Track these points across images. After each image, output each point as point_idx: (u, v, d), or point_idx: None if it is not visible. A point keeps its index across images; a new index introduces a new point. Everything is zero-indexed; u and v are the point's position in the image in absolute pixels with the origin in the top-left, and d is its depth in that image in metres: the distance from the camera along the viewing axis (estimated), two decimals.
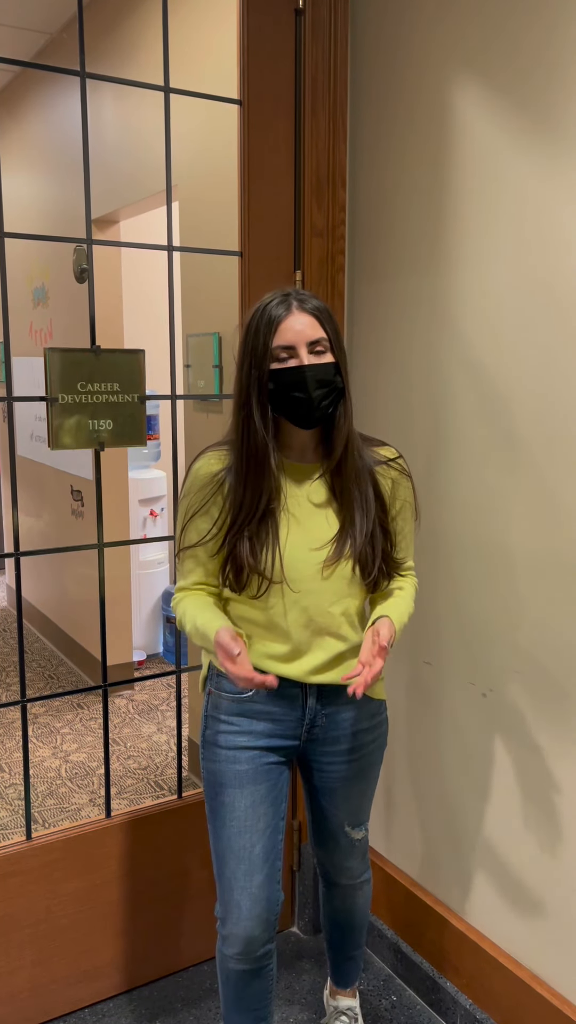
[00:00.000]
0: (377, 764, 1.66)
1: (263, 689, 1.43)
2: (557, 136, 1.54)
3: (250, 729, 1.54)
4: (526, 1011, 1.77)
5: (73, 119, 3.58)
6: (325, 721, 1.56)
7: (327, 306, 1.45)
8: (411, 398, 1.95)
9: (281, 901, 1.58)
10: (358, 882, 1.78)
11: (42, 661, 4.26)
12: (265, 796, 1.54)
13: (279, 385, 1.41)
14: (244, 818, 1.53)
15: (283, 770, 1.58)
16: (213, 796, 1.56)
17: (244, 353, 1.43)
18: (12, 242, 4.27)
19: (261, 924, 1.54)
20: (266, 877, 1.54)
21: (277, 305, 1.41)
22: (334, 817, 1.66)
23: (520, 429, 1.68)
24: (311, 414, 1.42)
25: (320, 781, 1.63)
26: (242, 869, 1.53)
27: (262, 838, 1.53)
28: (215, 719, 1.56)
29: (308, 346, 1.40)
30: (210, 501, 1.47)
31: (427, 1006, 2.01)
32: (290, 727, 1.55)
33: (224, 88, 1.98)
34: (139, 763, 3.19)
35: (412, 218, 1.89)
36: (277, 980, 2.03)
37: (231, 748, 1.54)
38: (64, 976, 1.97)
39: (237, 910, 1.53)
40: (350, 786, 1.63)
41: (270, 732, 1.54)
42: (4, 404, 4.72)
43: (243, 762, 1.53)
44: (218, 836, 1.55)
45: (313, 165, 1.97)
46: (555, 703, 1.67)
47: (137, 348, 1.88)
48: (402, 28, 1.86)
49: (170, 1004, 2.02)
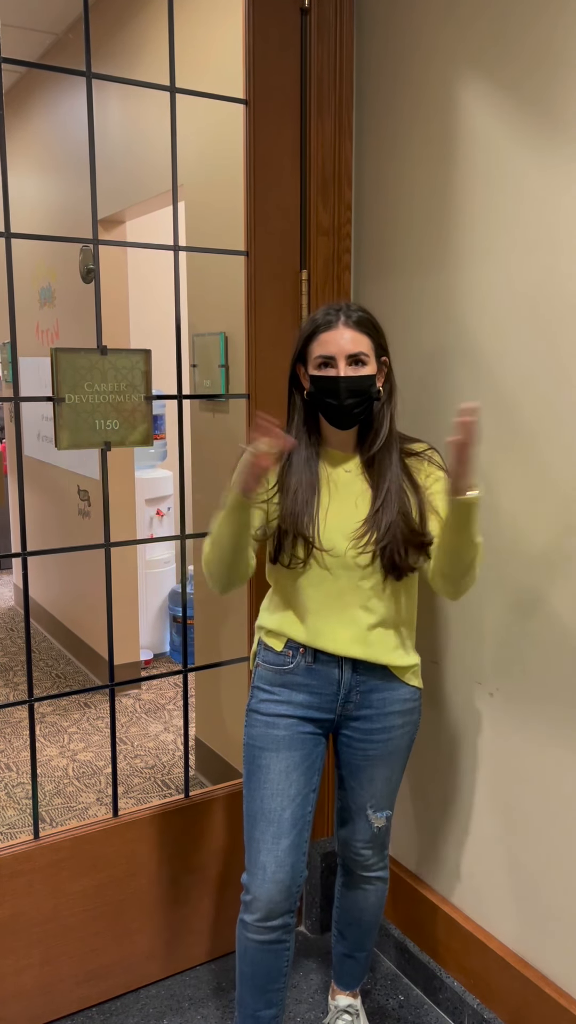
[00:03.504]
0: (405, 751, 1.71)
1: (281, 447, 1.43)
2: (565, 133, 1.53)
3: (289, 699, 1.64)
4: (533, 1010, 1.76)
5: (79, 119, 3.59)
6: (359, 698, 1.65)
7: (373, 318, 1.58)
8: (417, 396, 1.95)
9: (304, 876, 1.65)
10: (372, 875, 1.80)
11: (49, 660, 4.28)
12: (299, 763, 1.63)
13: (318, 390, 1.56)
14: (277, 781, 1.62)
15: (319, 741, 1.67)
16: (251, 760, 1.66)
17: (294, 350, 1.61)
18: (19, 242, 4.28)
19: (283, 890, 1.61)
20: (292, 844, 1.61)
21: (325, 315, 1.56)
22: (358, 796, 1.72)
23: (529, 427, 1.68)
24: (343, 420, 1.57)
25: (348, 756, 1.70)
26: (271, 831, 1.61)
27: (292, 804, 1.62)
28: (259, 689, 1.68)
29: (347, 358, 1.53)
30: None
31: (434, 1005, 2.01)
32: (327, 700, 1.64)
33: (230, 88, 1.98)
34: (146, 762, 3.20)
35: (418, 216, 1.89)
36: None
37: (271, 715, 1.65)
38: (71, 975, 1.97)
39: (262, 872, 1.61)
40: (376, 766, 1.69)
41: (308, 703, 1.64)
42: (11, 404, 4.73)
43: (281, 728, 1.64)
44: (252, 798, 1.64)
45: (319, 164, 1.97)
46: (561, 703, 1.67)
47: (143, 348, 1.88)
48: (407, 27, 1.86)
49: (178, 1003, 2.02)
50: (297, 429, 1.62)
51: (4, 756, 3.27)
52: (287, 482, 1.59)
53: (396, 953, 2.13)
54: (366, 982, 2.08)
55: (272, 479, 1.60)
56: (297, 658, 1.63)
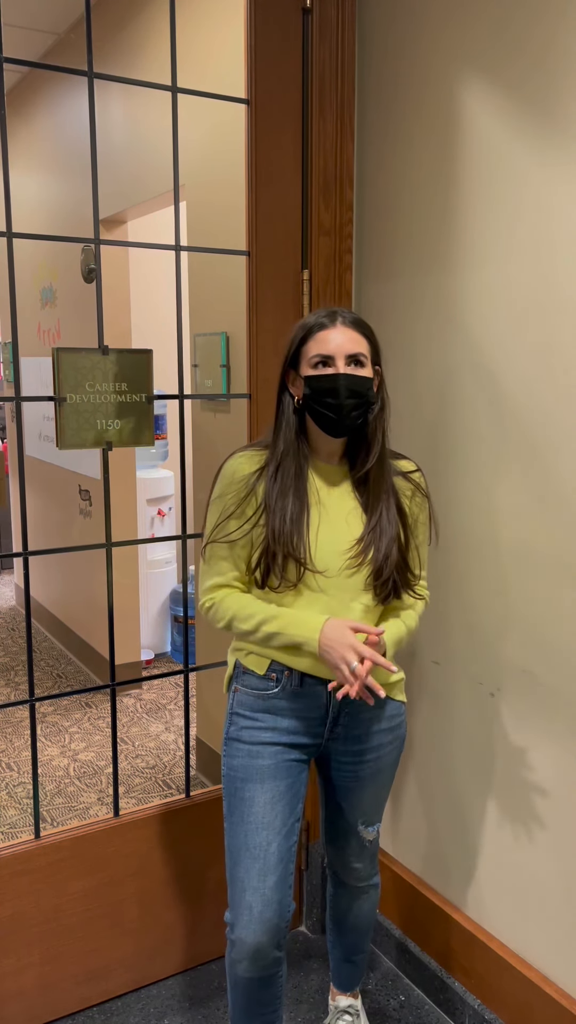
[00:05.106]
0: (394, 765, 1.67)
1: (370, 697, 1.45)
2: (567, 132, 1.53)
3: (274, 725, 1.56)
4: (534, 1011, 1.76)
5: (81, 119, 3.59)
6: (347, 719, 1.58)
7: (370, 327, 1.52)
8: (419, 398, 1.95)
9: (292, 910, 1.56)
10: (365, 885, 1.79)
11: (50, 660, 4.28)
12: (284, 793, 1.55)
13: (314, 391, 1.46)
14: (262, 814, 1.53)
15: (303, 769, 1.59)
16: (232, 792, 1.57)
17: (284, 356, 1.52)
18: (20, 242, 4.28)
19: (271, 930, 1.51)
20: (279, 879, 1.52)
21: (317, 318, 1.48)
22: (349, 815, 1.67)
23: (530, 429, 1.68)
24: (341, 422, 1.46)
25: (337, 779, 1.65)
26: (256, 868, 1.52)
27: (278, 837, 1.53)
28: (240, 716, 1.58)
29: (347, 357, 1.45)
30: (244, 502, 1.51)
31: (435, 1006, 2.01)
32: (314, 724, 1.57)
33: (231, 88, 1.98)
34: (147, 762, 3.20)
35: (419, 217, 1.89)
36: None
37: (254, 743, 1.56)
38: (72, 974, 1.97)
39: (248, 913, 1.51)
40: (365, 785, 1.64)
41: (294, 729, 1.56)
42: (12, 404, 4.73)
43: (265, 757, 1.55)
44: (234, 833, 1.55)
45: (320, 164, 1.97)
46: (563, 703, 1.67)
47: (145, 348, 1.88)
48: (409, 27, 1.86)
49: (179, 1003, 2.02)
50: (286, 439, 1.51)
51: (5, 756, 3.27)
52: (274, 501, 1.49)
53: (396, 953, 2.13)
54: (366, 982, 2.08)
55: (260, 497, 1.51)
56: (283, 681, 1.54)
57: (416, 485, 1.58)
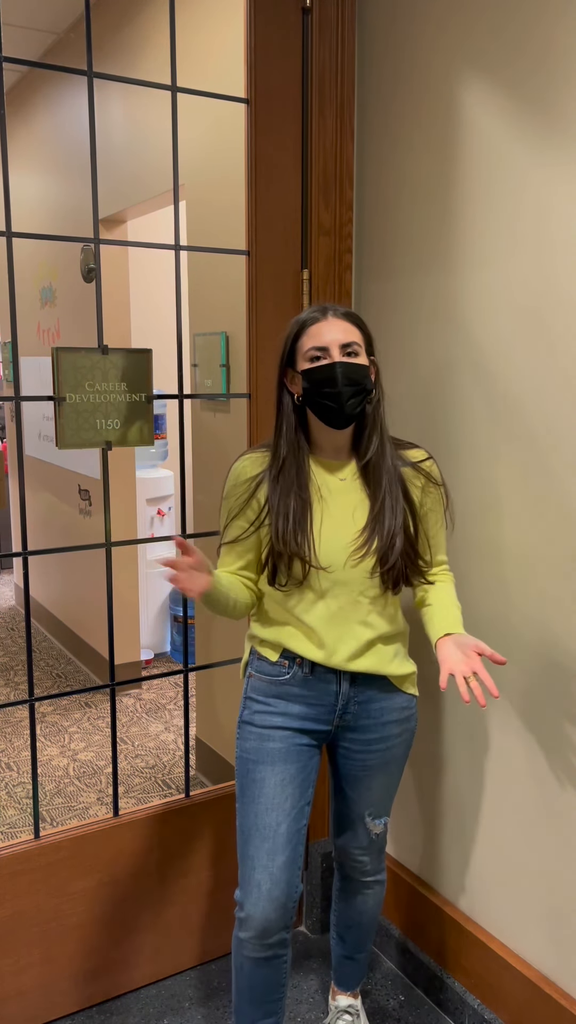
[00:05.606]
0: (402, 758, 1.69)
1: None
2: (567, 132, 1.53)
3: (285, 711, 1.60)
4: (534, 1011, 1.76)
5: (81, 119, 3.59)
6: (357, 708, 1.61)
7: (362, 318, 1.54)
8: (419, 397, 1.94)
9: (299, 892, 1.61)
10: (370, 880, 1.80)
11: (50, 660, 4.28)
12: (295, 776, 1.59)
13: (312, 383, 1.49)
14: (272, 795, 1.58)
15: (314, 754, 1.63)
16: (244, 774, 1.61)
17: (280, 356, 1.55)
18: (20, 242, 4.28)
19: (279, 908, 1.57)
20: (287, 860, 1.57)
21: (310, 313, 1.52)
22: (356, 806, 1.70)
23: (529, 429, 1.68)
24: (341, 411, 1.49)
25: (346, 768, 1.68)
26: (265, 848, 1.57)
27: (287, 818, 1.58)
28: (253, 700, 1.64)
29: (341, 347, 1.48)
30: (247, 504, 1.56)
31: (435, 1005, 2.01)
32: (323, 712, 1.61)
33: (231, 87, 1.98)
34: (147, 762, 3.20)
35: (419, 216, 1.89)
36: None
37: (266, 727, 1.60)
38: (72, 974, 1.97)
39: (257, 890, 1.56)
40: (374, 776, 1.67)
41: (304, 715, 1.60)
42: (12, 404, 4.73)
43: (276, 740, 1.59)
44: (245, 814, 1.60)
45: (320, 164, 1.97)
46: (564, 702, 1.67)
47: (144, 347, 1.88)
48: (409, 27, 1.86)
49: (178, 1003, 2.02)
50: (288, 439, 1.54)
51: (5, 756, 3.27)
52: (277, 502, 1.52)
53: (397, 953, 2.13)
54: (366, 982, 2.08)
55: (262, 499, 1.55)
56: (293, 669, 1.59)
57: (427, 474, 1.60)
